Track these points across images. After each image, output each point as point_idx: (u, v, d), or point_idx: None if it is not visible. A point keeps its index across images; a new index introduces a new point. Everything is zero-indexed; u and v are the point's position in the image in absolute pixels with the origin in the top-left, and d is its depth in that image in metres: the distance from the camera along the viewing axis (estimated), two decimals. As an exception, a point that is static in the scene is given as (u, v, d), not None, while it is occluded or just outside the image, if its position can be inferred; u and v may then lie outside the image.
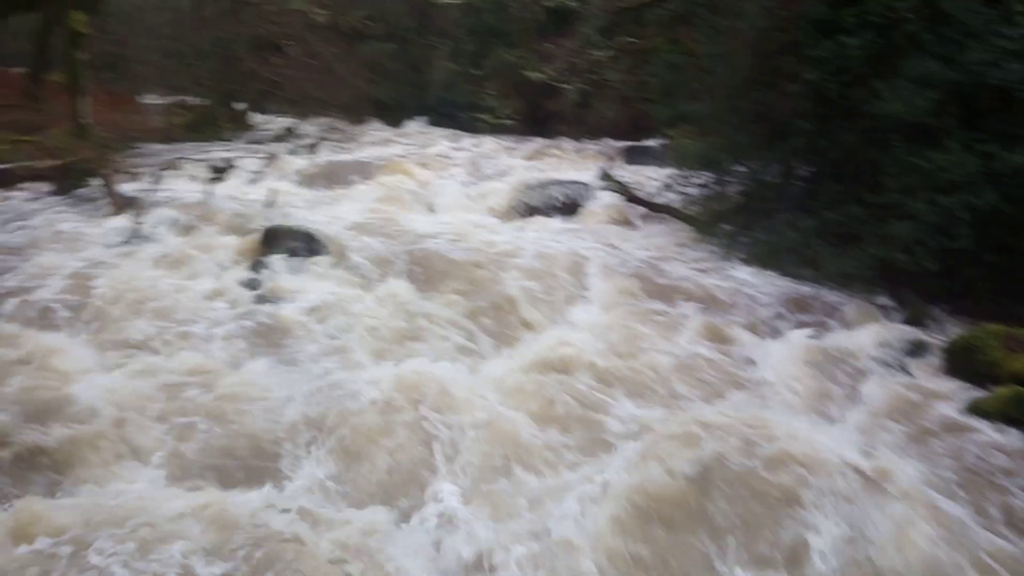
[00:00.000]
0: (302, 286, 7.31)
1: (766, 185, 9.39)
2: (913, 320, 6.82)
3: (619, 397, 5.72)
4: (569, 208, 11.20)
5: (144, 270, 7.44)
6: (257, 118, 19.15)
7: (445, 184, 12.52)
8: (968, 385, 5.77)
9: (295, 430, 5.12)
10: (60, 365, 5.56)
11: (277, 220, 8.68)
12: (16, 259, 7.46)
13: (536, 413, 5.41)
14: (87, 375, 5.53)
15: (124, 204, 9.33)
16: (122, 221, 8.72)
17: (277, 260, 7.72)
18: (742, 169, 9.77)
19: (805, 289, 7.78)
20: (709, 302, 7.73)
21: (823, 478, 4.46)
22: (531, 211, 11.09)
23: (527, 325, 6.98)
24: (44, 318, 6.39)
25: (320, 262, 7.88)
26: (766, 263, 8.40)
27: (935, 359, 6.19)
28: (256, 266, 7.66)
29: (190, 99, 18.20)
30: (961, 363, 5.98)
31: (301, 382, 5.67)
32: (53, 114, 13.17)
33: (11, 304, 6.53)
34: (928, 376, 6.02)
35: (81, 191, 9.99)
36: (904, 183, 7.16)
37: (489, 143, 17.57)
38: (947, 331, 6.63)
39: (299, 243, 7.99)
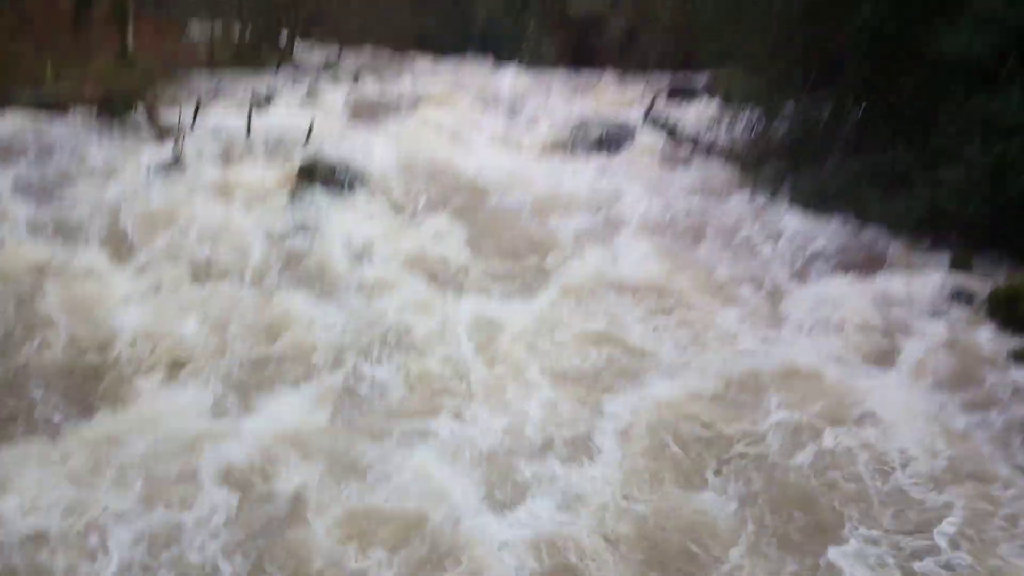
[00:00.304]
0: (339, 219, 7.35)
1: (816, 125, 9.14)
2: (958, 266, 6.65)
3: (661, 337, 5.70)
4: (612, 146, 11.01)
5: (185, 200, 7.53)
6: (300, 49, 19.02)
7: (486, 119, 12.38)
8: (1011, 333, 5.64)
9: (329, 358, 5.23)
10: (102, 291, 5.68)
11: (317, 152, 8.67)
12: (60, 187, 7.59)
13: (577, 343, 5.46)
14: (128, 301, 5.66)
15: (167, 133, 9.39)
16: (164, 150, 8.78)
17: (315, 193, 7.75)
18: (791, 108, 9.50)
19: (850, 232, 7.63)
20: (751, 243, 7.64)
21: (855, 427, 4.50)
22: (573, 148, 10.94)
23: (566, 261, 6.92)
24: (87, 245, 6.51)
25: (358, 195, 7.90)
26: (812, 205, 8.21)
27: (979, 306, 6.04)
28: (295, 198, 7.70)
29: (235, 29, 18.10)
30: (1004, 311, 5.83)
31: (336, 313, 5.75)
32: (100, 43, 13.21)
33: (56, 230, 6.66)
34: (971, 323, 5.90)
35: (125, 120, 10.05)
36: (959, 127, 6.91)
37: (532, 78, 17.28)
38: (992, 279, 6.45)
39: (338, 176, 8.00)
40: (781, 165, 9.16)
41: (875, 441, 4.40)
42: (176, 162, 8.53)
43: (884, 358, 5.56)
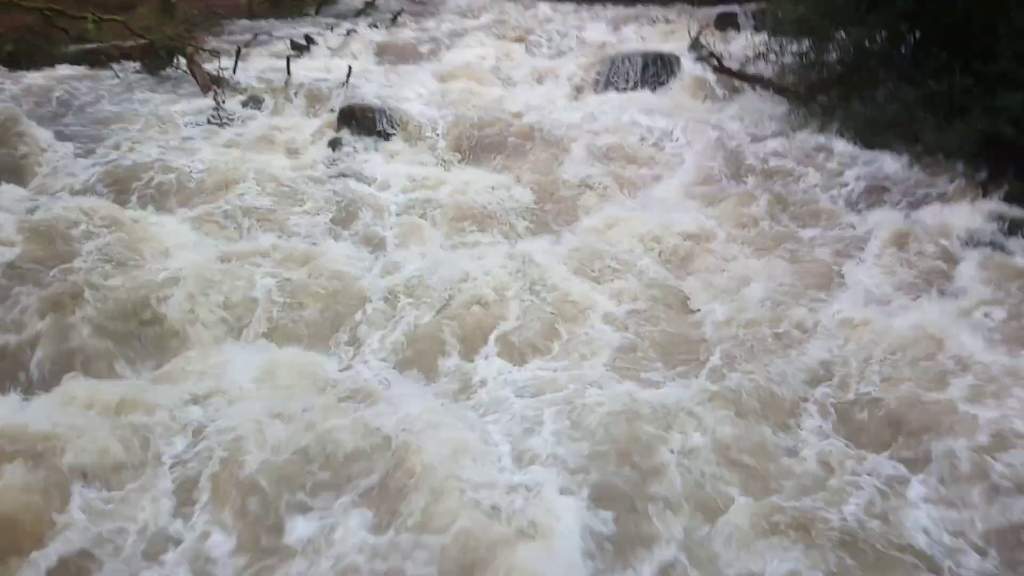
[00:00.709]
0: (378, 165, 7.37)
1: (868, 53, 8.73)
2: (1015, 197, 6.39)
3: (692, 275, 5.65)
4: (656, 80, 10.72)
5: (225, 150, 7.61)
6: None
7: (526, 58, 12.16)
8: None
9: (372, 304, 5.28)
10: (148, 242, 5.77)
11: (356, 97, 8.64)
12: (104, 139, 7.71)
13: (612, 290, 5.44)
14: (175, 251, 5.74)
15: (208, 83, 9.45)
16: (205, 100, 8.84)
17: (354, 139, 7.76)
18: (842, 36, 9.10)
19: (904, 164, 7.39)
20: (801, 178, 7.46)
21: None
22: (615, 84, 10.68)
23: (602, 205, 6.84)
24: (132, 196, 6.62)
25: (397, 140, 7.89)
26: (864, 137, 7.94)
27: (1036, 238, 5.84)
28: (334, 145, 7.73)
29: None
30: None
31: (379, 259, 5.80)
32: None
33: (99, 182, 6.77)
34: (1028, 253, 5.72)
35: (167, 70, 10.14)
36: (1018, 50, 6.54)
37: (572, 10, 16.85)
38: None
39: (376, 121, 7.99)
40: (832, 95, 8.84)
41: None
42: (218, 111, 8.60)
43: (941, 288, 5.47)
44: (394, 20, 15.63)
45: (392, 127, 8.02)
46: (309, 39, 12.93)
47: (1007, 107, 6.49)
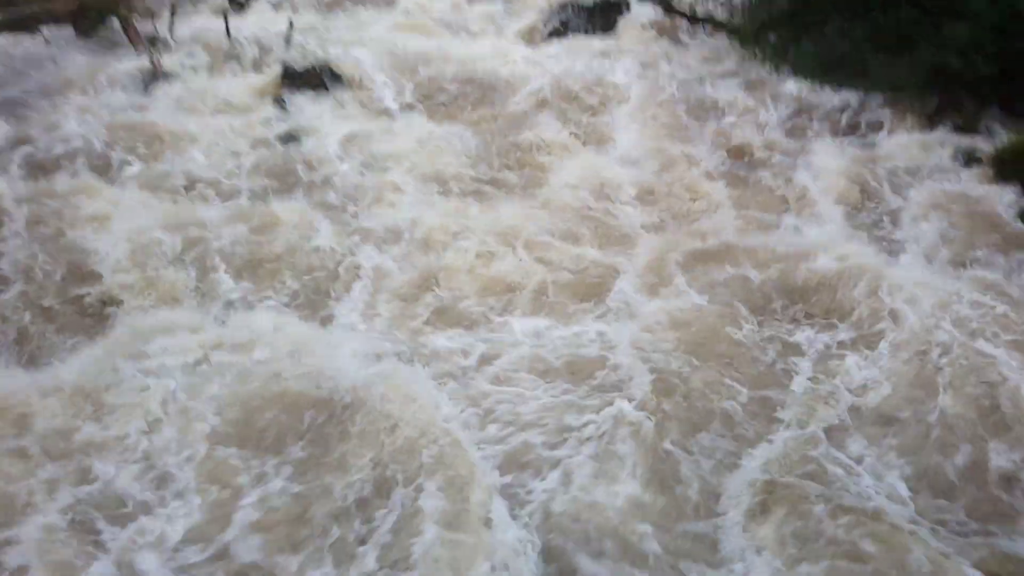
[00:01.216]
0: (324, 123, 7.18)
1: (816, -11, 8.68)
2: (965, 128, 6.46)
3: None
4: (606, 24, 10.56)
5: (166, 112, 7.35)
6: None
7: (477, 5, 11.87)
8: (1019, 192, 5.53)
9: (322, 264, 5.19)
10: (88, 211, 5.58)
11: (298, 54, 8.38)
12: (37, 105, 7.42)
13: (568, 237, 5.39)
14: (115, 220, 5.56)
15: (143, 43, 9.09)
16: (142, 62, 8.51)
17: (299, 97, 7.55)
18: (790, -28, 9.02)
19: (855, 100, 7.43)
20: (752, 118, 7.45)
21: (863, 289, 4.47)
22: (566, 30, 10.49)
23: (557, 153, 6.75)
24: (69, 163, 6.39)
25: (342, 96, 7.68)
26: (815, 75, 7.92)
27: (987, 167, 5.90)
28: (278, 104, 7.51)
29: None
30: (1012, 169, 5.69)
31: (326, 220, 5.68)
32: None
33: (34, 150, 6.53)
34: (978, 183, 5.79)
35: (101, 33, 9.74)
36: (964, -21, 6.54)
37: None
38: (1001, 139, 6.27)
39: (320, 78, 7.77)
40: (782, 35, 8.78)
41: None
42: (156, 73, 8.29)
43: (889, 220, 5.52)
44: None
45: (338, 82, 7.81)
46: (250, -7, 12.46)
47: (953, 38, 6.50)
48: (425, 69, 8.36)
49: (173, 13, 9.87)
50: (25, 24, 9.60)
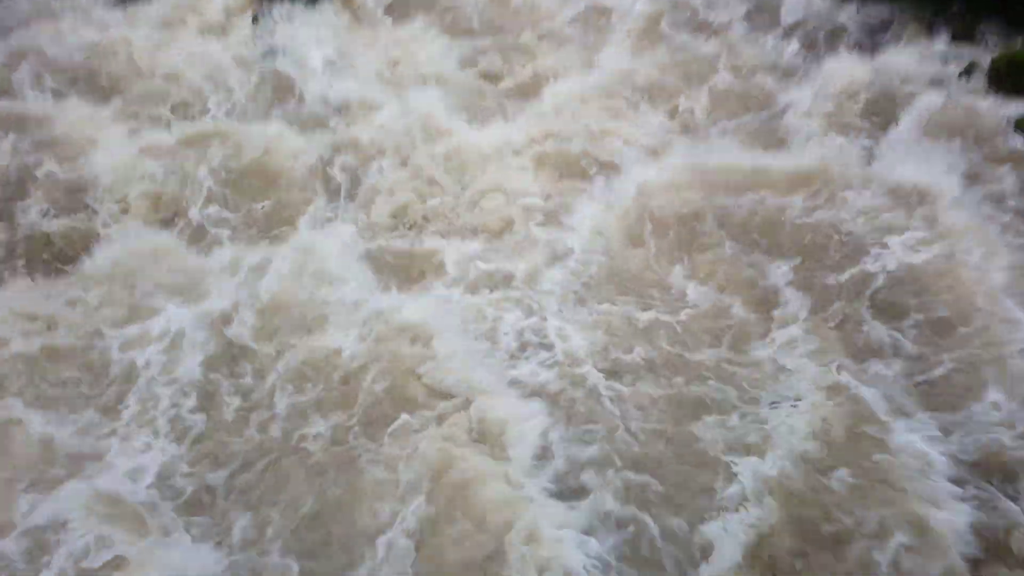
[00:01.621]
0: (307, 35, 6.95)
1: None
2: (960, 37, 6.32)
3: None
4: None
5: (145, 32, 7.08)
6: None
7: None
8: (1013, 101, 5.44)
9: (313, 181, 5.13)
10: (73, 137, 5.46)
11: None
12: (14, 28, 7.13)
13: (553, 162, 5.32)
14: (101, 147, 5.44)
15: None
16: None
17: (278, 9, 7.28)
18: None
19: (850, 8, 7.23)
20: (751, 32, 7.25)
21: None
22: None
23: (548, 71, 6.58)
24: (56, 90, 6.21)
25: (324, 6, 7.40)
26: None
27: (980, 76, 5.81)
28: (258, 19, 7.25)
29: None
30: (1006, 79, 5.60)
31: (313, 136, 5.58)
32: None
33: (19, 77, 6.32)
34: (974, 93, 5.69)
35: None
36: None
37: None
38: (998, 47, 6.15)
39: (299, -10, 7.47)
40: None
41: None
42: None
43: (885, 126, 5.48)
44: None
45: (319, -5, 7.52)
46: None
47: (952, -57, 6.34)
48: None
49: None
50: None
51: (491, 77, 6.45)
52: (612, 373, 3.66)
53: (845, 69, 6.19)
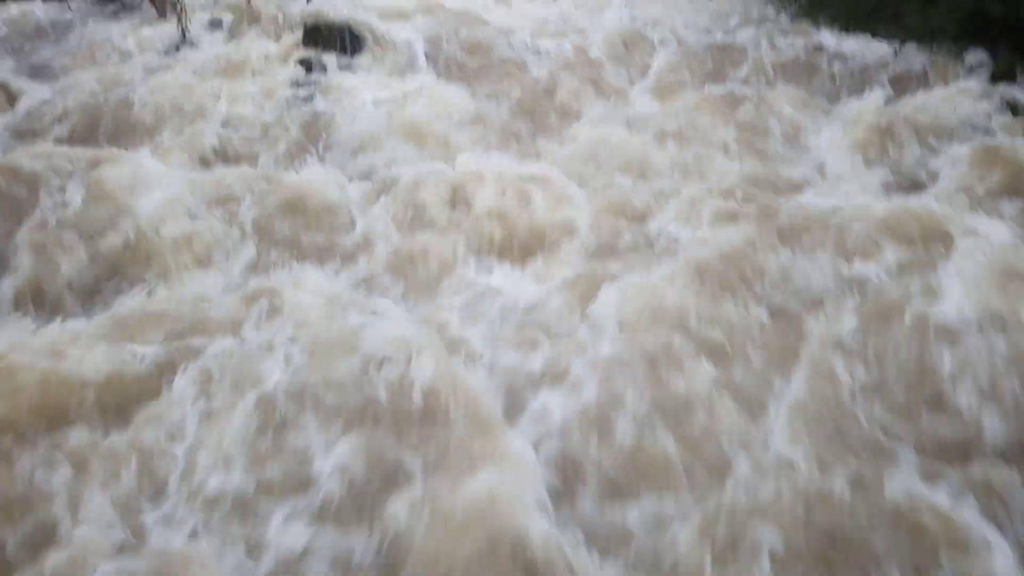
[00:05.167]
0: (349, 84, 7.14)
1: (849, -69, 8.44)
2: (1003, 76, 6.25)
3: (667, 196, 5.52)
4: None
5: (192, 77, 7.33)
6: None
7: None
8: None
9: (351, 223, 5.21)
10: (119, 178, 5.61)
11: (319, 14, 8.30)
12: (65, 72, 7.45)
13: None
14: (147, 187, 5.59)
15: (166, 8, 9.08)
16: (166, 26, 8.51)
17: (321, 58, 7.51)
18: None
19: (888, 49, 7.21)
20: (781, 70, 7.29)
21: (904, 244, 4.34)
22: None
23: (574, 114, 6.68)
24: (98, 131, 6.43)
25: (363, 56, 7.63)
26: (846, 24, 7.77)
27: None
28: (302, 65, 7.48)
29: None
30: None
31: (353, 178, 5.69)
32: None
33: (65, 118, 6.57)
34: (1014, 133, 5.60)
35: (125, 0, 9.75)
36: (1004, -79, 6.30)
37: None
38: (1041, 86, 6.07)
39: (344, 39, 7.72)
40: (814, -18, 8.60)
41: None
42: (180, 39, 8.29)
43: (924, 173, 5.40)
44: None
45: (360, 43, 7.76)
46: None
47: (993, -18, 6.29)
48: (446, 29, 8.27)
49: (196, -24, 9.82)
50: (50, -7, 9.63)
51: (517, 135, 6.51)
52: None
53: (879, 109, 6.17)
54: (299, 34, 7.92)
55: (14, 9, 9.35)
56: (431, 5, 8.98)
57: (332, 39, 7.70)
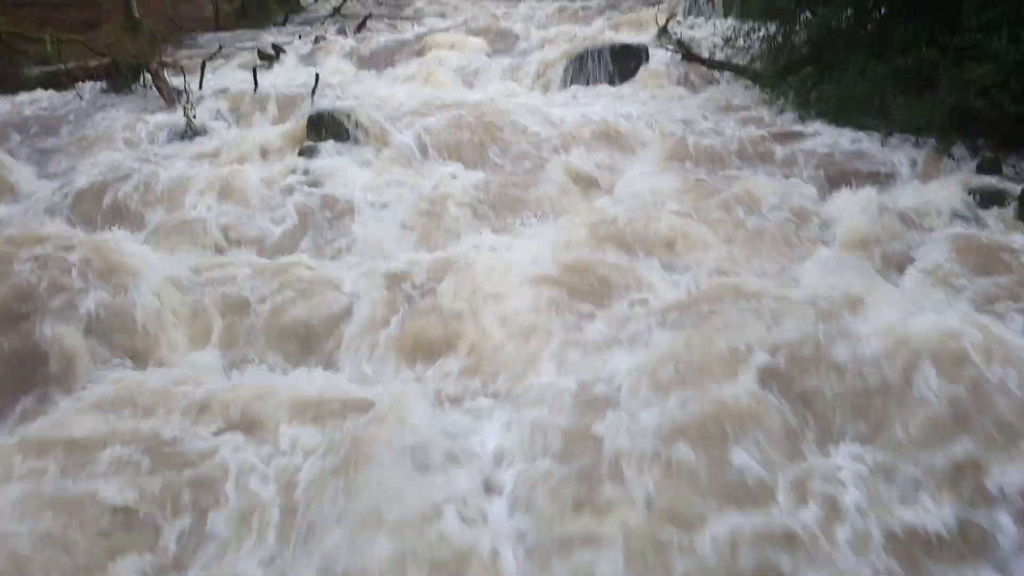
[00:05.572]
0: (350, 173, 7.27)
1: (835, 32, 8.79)
2: (988, 169, 6.39)
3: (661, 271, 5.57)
4: (624, 72, 10.74)
5: (195, 163, 7.51)
6: (307, -1, 18.79)
7: (496, 58, 12.13)
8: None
9: (349, 315, 5.22)
10: (122, 263, 5.66)
11: (324, 105, 8.57)
12: (73, 159, 7.61)
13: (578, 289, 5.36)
14: (149, 272, 5.64)
15: (174, 97, 9.35)
16: (173, 115, 8.75)
17: (324, 147, 7.69)
18: (809, 16, 9.14)
19: (875, 142, 7.39)
20: (771, 162, 7.44)
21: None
22: (583, 78, 10.69)
23: (572, 200, 6.80)
24: (103, 216, 6.53)
25: (367, 146, 7.81)
26: (834, 117, 8.00)
27: (1011, 209, 5.81)
28: (304, 154, 7.65)
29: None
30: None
31: (352, 268, 5.73)
32: (107, 11, 13.17)
33: (66, 205, 6.68)
34: (1003, 227, 5.68)
35: (133, 87, 10.04)
36: (985, 20, 6.55)
37: (546, 7, 16.84)
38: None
39: (346, 127, 7.91)
40: (801, 78, 8.90)
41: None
42: (186, 127, 8.50)
43: (904, 264, 5.40)
44: (362, 26, 15.55)
45: (363, 133, 7.94)
46: (277, 48, 12.85)
47: (975, 78, 6.50)
48: (444, 117, 8.47)
49: (203, 68, 10.16)
50: (60, 80, 9.93)
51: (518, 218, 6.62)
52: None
53: (865, 202, 6.26)
54: (303, 123, 8.11)
55: (24, 97, 9.63)
56: (432, 99, 9.24)
57: (336, 128, 7.89)
